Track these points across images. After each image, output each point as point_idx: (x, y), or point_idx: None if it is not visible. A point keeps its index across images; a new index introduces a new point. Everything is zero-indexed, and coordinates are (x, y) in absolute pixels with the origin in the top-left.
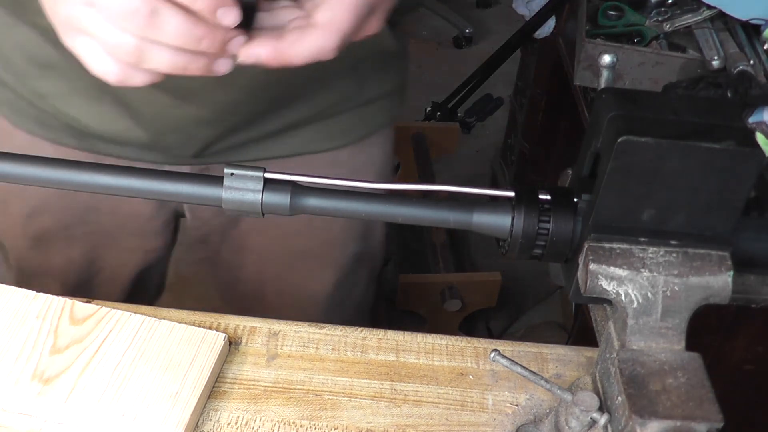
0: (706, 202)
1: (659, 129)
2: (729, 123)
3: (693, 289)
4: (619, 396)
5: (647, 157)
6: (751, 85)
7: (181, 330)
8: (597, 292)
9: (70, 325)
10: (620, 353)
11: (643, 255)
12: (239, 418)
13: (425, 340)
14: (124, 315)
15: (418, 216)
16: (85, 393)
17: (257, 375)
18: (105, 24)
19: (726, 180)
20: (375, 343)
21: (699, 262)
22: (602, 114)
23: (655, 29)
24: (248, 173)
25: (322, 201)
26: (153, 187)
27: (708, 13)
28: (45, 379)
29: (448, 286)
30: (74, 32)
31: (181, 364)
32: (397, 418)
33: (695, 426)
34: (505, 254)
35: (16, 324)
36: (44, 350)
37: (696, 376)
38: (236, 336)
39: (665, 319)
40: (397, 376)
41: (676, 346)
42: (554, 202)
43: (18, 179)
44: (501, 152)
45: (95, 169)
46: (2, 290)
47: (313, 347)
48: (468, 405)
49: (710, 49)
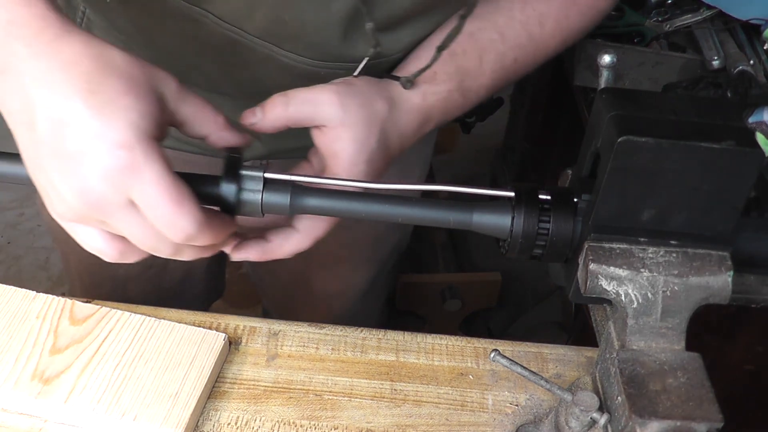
0: (706, 202)
1: (659, 129)
2: (729, 123)
3: (693, 289)
4: (619, 396)
5: (647, 157)
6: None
7: (181, 330)
8: (597, 292)
9: (70, 325)
10: (620, 353)
11: (643, 255)
12: (239, 418)
13: (425, 340)
14: (124, 315)
15: (418, 216)
16: (85, 393)
17: (257, 375)
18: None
19: (726, 180)
20: (375, 343)
21: (699, 262)
22: (602, 114)
23: (655, 29)
24: (248, 173)
25: (322, 201)
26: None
27: (708, 13)
28: (45, 379)
29: (448, 286)
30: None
31: (181, 364)
32: (397, 418)
33: (695, 426)
34: (505, 254)
35: (16, 324)
36: (44, 350)
37: (696, 376)
38: (236, 336)
39: (665, 319)
40: (397, 376)
41: (676, 346)
42: (554, 202)
43: (18, 179)
44: (501, 152)
45: None
46: (2, 290)
47: (313, 347)
48: (468, 405)
49: (710, 49)
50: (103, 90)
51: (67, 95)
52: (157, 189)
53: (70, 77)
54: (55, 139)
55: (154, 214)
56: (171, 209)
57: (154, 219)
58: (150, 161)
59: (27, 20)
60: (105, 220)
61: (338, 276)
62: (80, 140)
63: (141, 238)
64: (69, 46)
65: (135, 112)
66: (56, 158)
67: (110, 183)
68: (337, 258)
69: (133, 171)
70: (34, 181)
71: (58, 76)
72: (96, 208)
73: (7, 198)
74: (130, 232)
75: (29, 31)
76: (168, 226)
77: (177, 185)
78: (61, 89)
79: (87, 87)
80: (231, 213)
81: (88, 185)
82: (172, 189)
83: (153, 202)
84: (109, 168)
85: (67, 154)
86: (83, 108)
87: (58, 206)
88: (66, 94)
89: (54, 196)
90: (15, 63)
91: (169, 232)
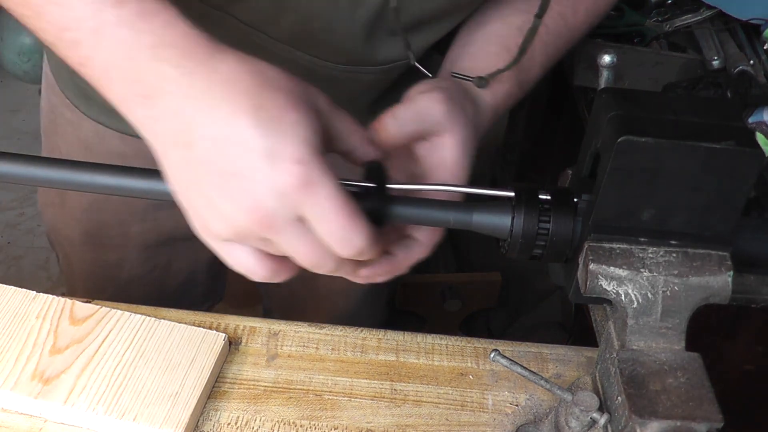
0: (706, 202)
1: (659, 129)
2: (729, 123)
3: (693, 289)
4: (619, 396)
5: (647, 157)
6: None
7: (181, 330)
8: (597, 292)
9: (70, 325)
10: (620, 353)
11: (643, 255)
12: (239, 418)
13: (425, 340)
14: (124, 315)
15: (418, 216)
16: (85, 393)
17: (257, 375)
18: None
19: (726, 180)
20: (375, 343)
21: (699, 262)
22: (602, 114)
23: (655, 29)
24: None
25: None
26: (152, 187)
27: (708, 13)
28: (45, 379)
29: (448, 286)
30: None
31: (181, 364)
32: (397, 418)
33: (695, 426)
34: (505, 254)
35: (16, 324)
36: (44, 350)
37: (696, 376)
38: (236, 336)
39: (665, 319)
40: (397, 376)
41: (676, 346)
42: (554, 202)
43: (18, 179)
44: (501, 152)
45: (95, 170)
46: (2, 290)
47: (313, 347)
48: (468, 405)
49: (710, 49)
50: (269, 106)
51: (231, 113)
52: (331, 204)
53: (232, 94)
54: (219, 157)
55: (326, 229)
56: (345, 224)
57: (325, 235)
58: (324, 177)
59: (174, 41)
60: (270, 237)
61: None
62: (249, 157)
63: (306, 255)
64: (224, 64)
65: (304, 127)
66: (218, 176)
67: (283, 199)
68: None
69: (308, 187)
70: (184, 203)
71: (218, 93)
72: (264, 225)
73: (7, 198)
74: (296, 249)
75: (178, 51)
76: (340, 242)
77: (349, 200)
78: (224, 107)
79: (252, 103)
80: (379, 225)
81: (258, 202)
82: (346, 204)
83: (327, 217)
84: (283, 184)
85: (233, 171)
86: (251, 125)
87: (214, 225)
88: (230, 112)
89: (210, 216)
90: (165, 85)
91: (340, 248)
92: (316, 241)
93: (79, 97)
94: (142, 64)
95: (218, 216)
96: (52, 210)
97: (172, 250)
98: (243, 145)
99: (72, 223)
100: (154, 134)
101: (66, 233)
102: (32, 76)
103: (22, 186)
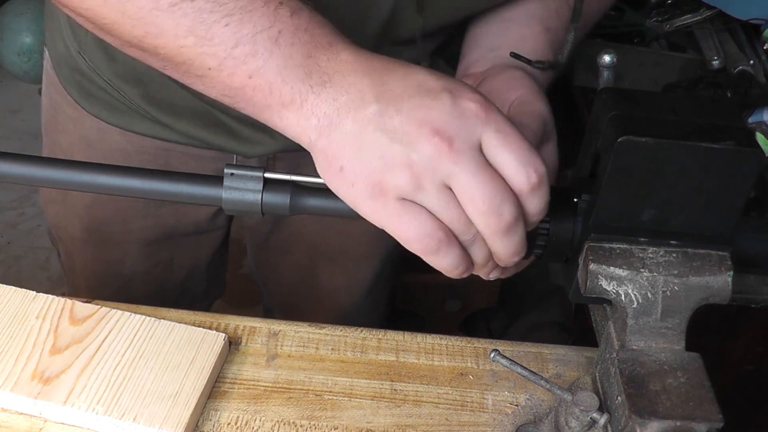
0: (706, 202)
1: (659, 129)
2: (729, 123)
3: (693, 289)
4: (619, 396)
5: (647, 157)
6: (751, 85)
7: (181, 330)
8: (597, 292)
9: (70, 325)
10: (620, 353)
11: (643, 255)
12: (239, 418)
13: (425, 340)
14: (124, 315)
15: None
16: (85, 393)
17: (257, 375)
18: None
19: (726, 180)
20: (375, 343)
21: (699, 262)
22: (602, 114)
23: (655, 29)
24: (248, 173)
25: (322, 201)
26: (153, 187)
27: (708, 13)
28: (45, 379)
29: (448, 286)
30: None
31: (181, 364)
32: (397, 418)
33: (695, 426)
34: None
35: (16, 324)
36: (44, 350)
37: (696, 376)
38: (236, 336)
39: (665, 319)
40: (397, 376)
41: (676, 346)
42: (554, 202)
43: (18, 179)
44: None
45: (95, 169)
46: (2, 290)
47: (313, 347)
48: (468, 405)
49: (710, 49)
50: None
51: (410, 69)
52: (512, 129)
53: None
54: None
55: (510, 149)
56: (526, 146)
57: (510, 157)
58: (498, 111)
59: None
60: (450, 170)
61: (345, 269)
62: (433, 90)
63: (485, 191)
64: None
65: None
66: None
67: (465, 121)
68: (343, 251)
69: (488, 113)
70: (357, 170)
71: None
72: (444, 150)
73: (7, 198)
74: (476, 183)
75: (347, 44)
76: (525, 167)
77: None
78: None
79: (426, 70)
80: None
81: (443, 123)
82: (520, 133)
83: (509, 139)
84: (466, 107)
85: (418, 104)
86: (431, 77)
87: (393, 176)
88: (409, 69)
89: (388, 165)
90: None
91: (526, 173)
92: (496, 174)
93: (81, 93)
94: (320, 57)
95: (398, 159)
96: (54, 207)
97: (174, 247)
98: (425, 85)
99: (74, 220)
100: (321, 115)
101: (68, 230)
102: (32, 76)
103: (22, 186)
